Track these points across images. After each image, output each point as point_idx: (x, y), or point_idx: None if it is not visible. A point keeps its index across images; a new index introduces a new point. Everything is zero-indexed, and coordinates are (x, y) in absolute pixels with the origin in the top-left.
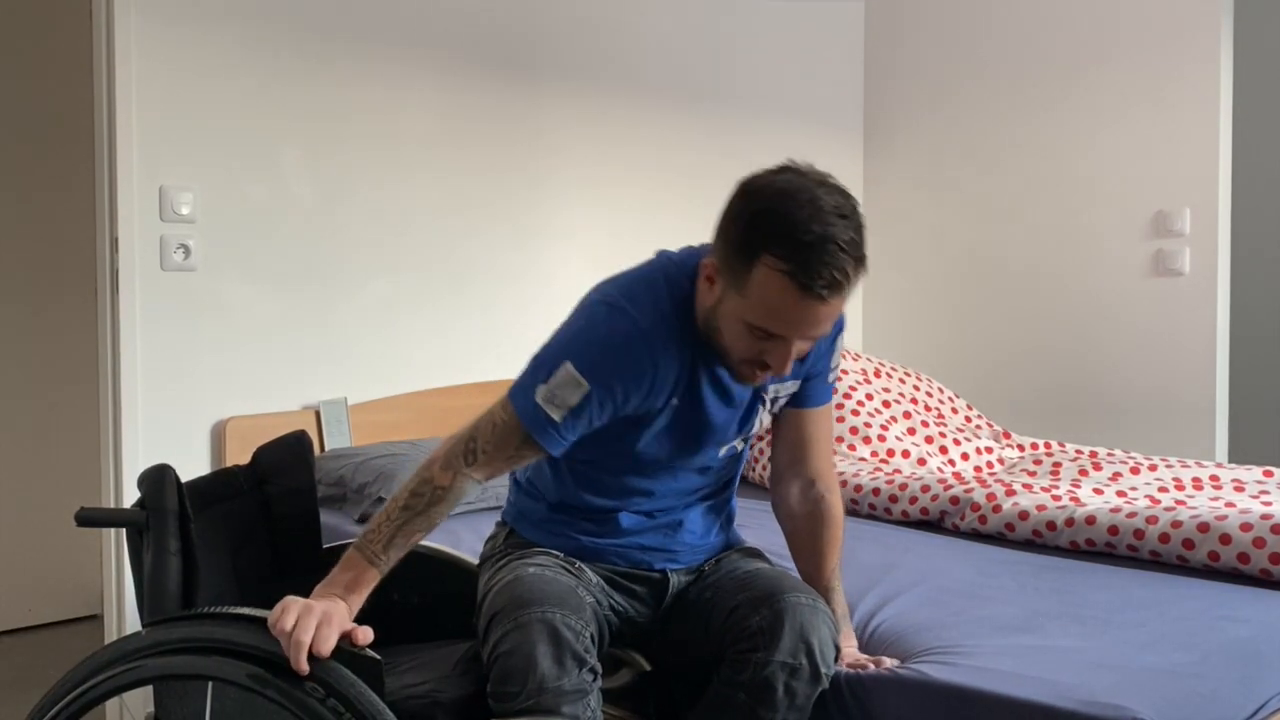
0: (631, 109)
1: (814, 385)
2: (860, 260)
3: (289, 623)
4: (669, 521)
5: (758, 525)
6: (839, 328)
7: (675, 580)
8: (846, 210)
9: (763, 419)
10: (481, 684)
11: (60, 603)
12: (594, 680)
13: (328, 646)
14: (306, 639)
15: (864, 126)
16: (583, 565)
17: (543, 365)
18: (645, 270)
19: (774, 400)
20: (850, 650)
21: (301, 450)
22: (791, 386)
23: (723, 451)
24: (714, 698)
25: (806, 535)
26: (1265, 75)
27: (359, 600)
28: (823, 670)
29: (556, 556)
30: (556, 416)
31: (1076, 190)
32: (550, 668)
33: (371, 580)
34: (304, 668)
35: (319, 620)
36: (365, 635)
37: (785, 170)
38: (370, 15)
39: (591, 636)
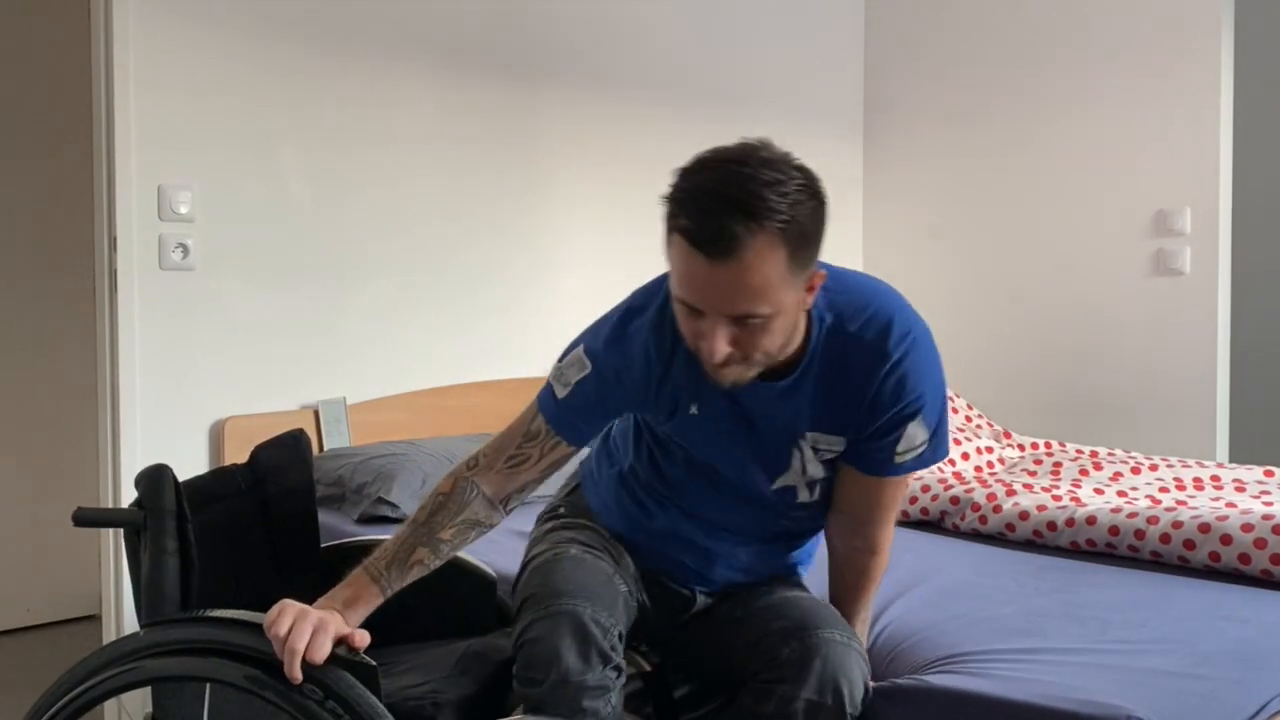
0: (631, 107)
1: (871, 452)
2: (769, 224)
3: (284, 628)
4: (705, 547)
5: None
6: (899, 415)
7: (701, 600)
8: (770, 177)
9: (806, 464)
10: (481, 684)
11: (59, 603)
12: (618, 677)
13: (321, 654)
14: (301, 646)
15: (864, 125)
16: (624, 550)
17: (563, 352)
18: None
19: (814, 448)
20: None
21: (299, 449)
22: (835, 442)
23: (773, 486)
24: None
25: (841, 571)
26: (1266, 74)
27: (357, 618)
28: (849, 711)
29: (604, 535)
30: (561, 393)
31: (1076, 189)
32: (575, 662)
33: (372, 597)
34: (297, 675)
35: (314, 627)
36: (362, 639)
37: (735, 143)
38: (369, 13)
39: (620, 634)
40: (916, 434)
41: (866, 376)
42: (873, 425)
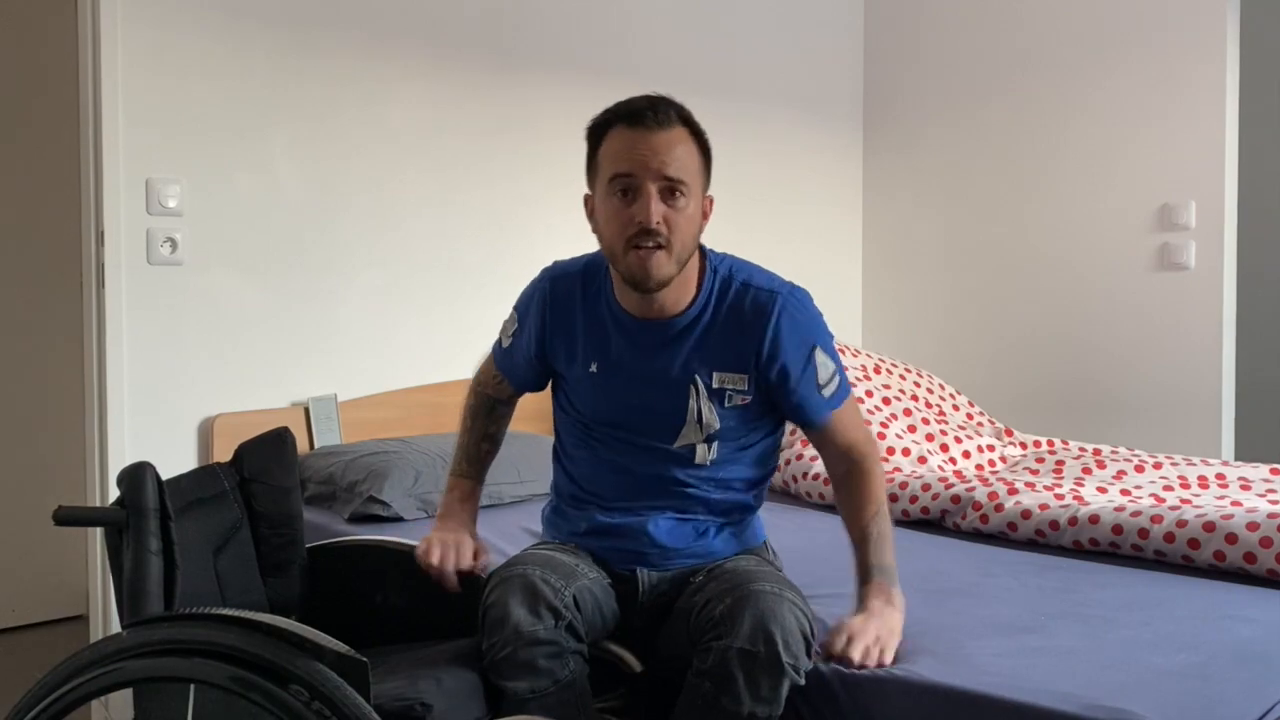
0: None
1: (804, 397)
2: (684, 121)
3: (435, 558)
4: (632, 524)
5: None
6: (803, 348)
7: (646, 578)
8: (678, 104)
9: (702, 406)
10: (472, 685)
11: (46, 603)
12: (575, 640)
13: (465, 562)
14: (450, 567)
15: (864, 119)
16: (578, 547)
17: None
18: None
19: (721, 390)
20: (857, 623)
21: (283, 448)
22: (740, 381)
23: (675, 445)
24: (685, 690)
25: (843, 491)
26: (1271, 67)
27: (475, 506)
28: (785, 660)
29: (556, 544)
30: (505, 344)
31: (1080, 183)
32: (524, 616)
33: (475, 490)
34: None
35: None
36: (483, 555)
37: None
38: (360, 4)
39: (575, 599)
40: (826, 362)
41: (760, 315)
42: (788, 363)
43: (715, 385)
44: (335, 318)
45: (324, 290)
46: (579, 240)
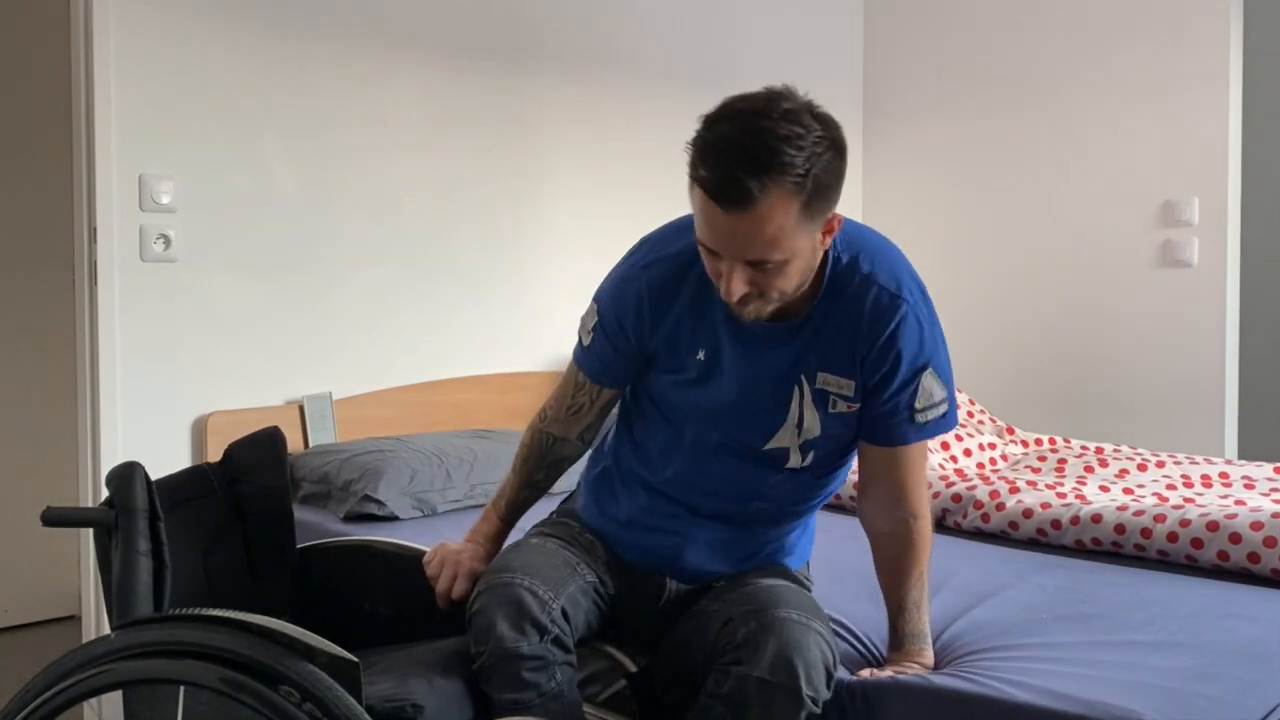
0: (623, 99)
1: (892, 415)
2: (784, 179)
3: (435, 571)
4: (672, 529)
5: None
6: (913, 365)
7: (672, 588)
8: (787, 131)
9: (804, 410)
10: (464, 684)
11: (37, 604)
12: (562, 653)
13: (459, 593)
14: (445, 589)
15: (863, 114)
16: (596, 540)
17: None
18: (672, 226)
19: (822, 392)
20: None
21: (274, 447)
22: (846, 386)
23: (766, 446)
24: (698, 711)
25: (885, 552)
26: (1275, 62)
27: (498, 546)
28: (806, 693)
29: (577, 530)
30: (586, 342)
31: (1082, 179)
32: (507, 631)
33: (505, 531)
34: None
35: (454, 574)
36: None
37: (760, 91)
38: (358, 1)
39: (563, 611)
40: (934, 389)
41: (880, 316)
42: (890, 374)
43: (818, 385)
44: (330, 315)
45: (319, 288)
46: (578, 239)
